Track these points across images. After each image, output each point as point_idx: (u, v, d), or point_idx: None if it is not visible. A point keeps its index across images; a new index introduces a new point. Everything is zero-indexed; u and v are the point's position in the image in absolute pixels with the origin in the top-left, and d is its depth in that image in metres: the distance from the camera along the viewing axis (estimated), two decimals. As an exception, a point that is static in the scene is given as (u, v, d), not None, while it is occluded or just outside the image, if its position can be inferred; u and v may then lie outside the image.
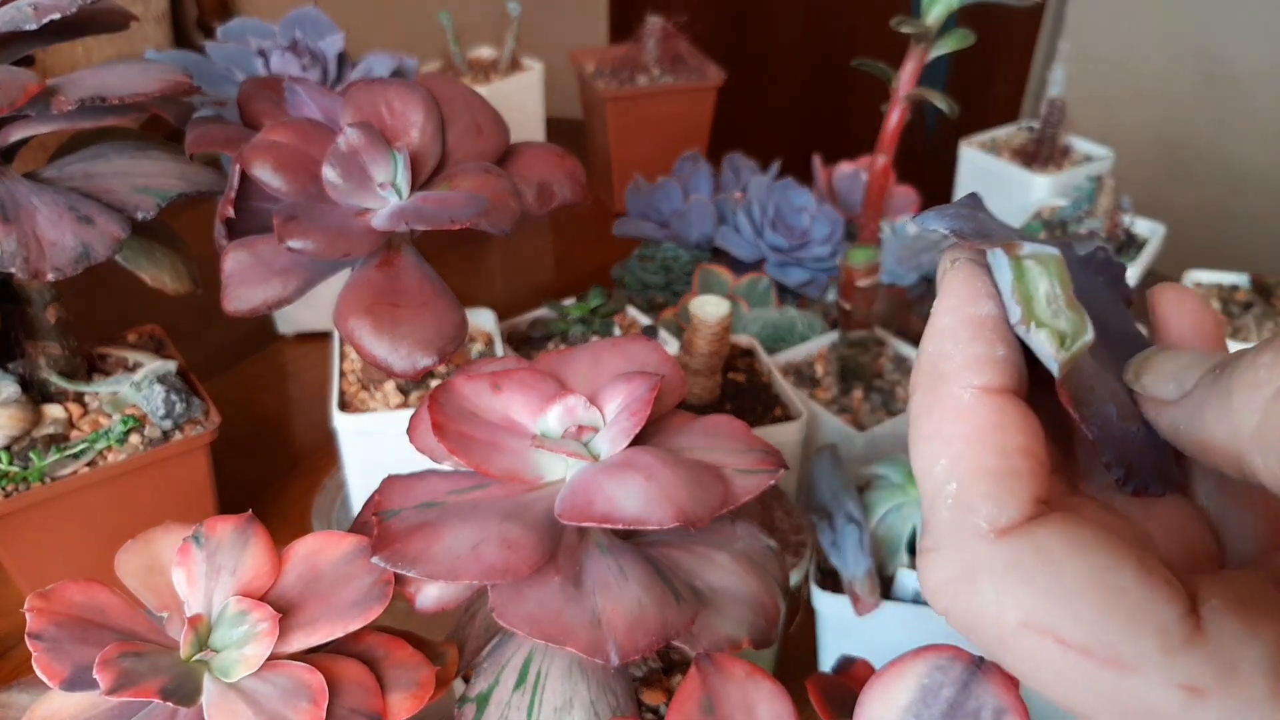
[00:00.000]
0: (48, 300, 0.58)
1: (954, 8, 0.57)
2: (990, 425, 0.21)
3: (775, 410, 0.66)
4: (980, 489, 0.21)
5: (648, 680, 0.42)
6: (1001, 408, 0.21)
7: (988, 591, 0.20)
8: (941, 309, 0.23)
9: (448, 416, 0.39)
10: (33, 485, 0.55)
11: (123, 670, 0.31)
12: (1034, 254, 0.22)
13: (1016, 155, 0.95)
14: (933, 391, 0.22)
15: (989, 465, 0.21)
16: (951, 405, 0.21)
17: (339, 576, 0.36)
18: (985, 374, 0.21)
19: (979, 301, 0.22)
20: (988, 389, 0.21)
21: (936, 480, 0.21)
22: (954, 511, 0.21)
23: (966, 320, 0.22)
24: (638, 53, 1.11)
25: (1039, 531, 0.20)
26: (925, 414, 0.22)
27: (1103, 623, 0.19)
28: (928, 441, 0.22)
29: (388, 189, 0.51)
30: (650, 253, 0.92)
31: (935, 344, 0.23)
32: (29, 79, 0.48)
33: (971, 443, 0.21)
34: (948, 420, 0.21)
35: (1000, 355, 0.22)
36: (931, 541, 0.21)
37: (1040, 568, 0.19)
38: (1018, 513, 0.20)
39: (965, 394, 0.21)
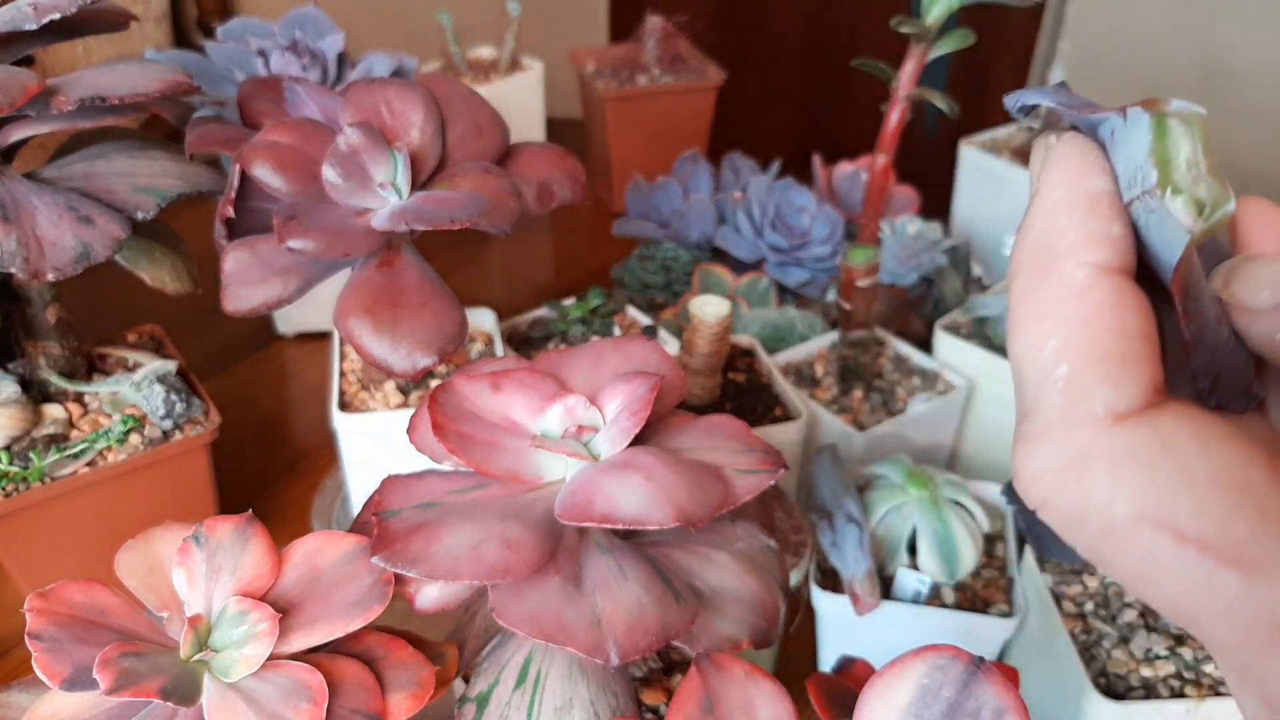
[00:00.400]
0: (48, 300, 0.58)
1: (954, 8, 0.57)
2: (1108, 306, 0.19)
3: (775, 410, 0.66)
4: (1097, 372, 0.19)
5: (648, 680, 0.42)
6: (1120, 288, 0.20)
7: (1101, 480, 0.19)
8: (1052, 182, 0.21)
9: (448, 416, 0.39)
10: (33, 485, 0.55)
11: (123, 670, 0.31)
12: (1180, 112, 0.20)
13: (1016, 155, 0.95)
14: (1042, 269, 0.20)
15: (1106, 348, 0.19)
16: (1065, 284, 0.20)
17: (339, 576, 0.36)
18: (1102, 251, 0.20)
19: (1093, 175, 0.21)
20: (1105, 268, 0.20)
21: (1045, 363, 0.20)
22: (1066, 396, 0.19)
23: (1081, 194, 0.21)
24: (638, 53, 1.11)
25: (1161, 419, 0.19)
26: (1033, 293, 0.20)
27: (1229, 519, 0.17)
28: (1036, 322, 0.20)
29: (388, 189, 0.51)
30: (650, 253, 0.92)
31: (1046, 219, 0.21)
32: (29, 79, 0.48)
33: (1087, 324, 0.19)
34: (1061, 300, 0.20)
35: (1116, 233, 0.20)
36: (1036, 427, 0.20)
37: (1162, 457, 0.18)
38: (1137, 398, 0.19)
39: (1080, 272, 0.20)
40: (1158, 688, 0.47)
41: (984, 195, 0.96)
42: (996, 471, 0.73)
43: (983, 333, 0.73)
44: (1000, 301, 0.72)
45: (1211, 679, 0.47)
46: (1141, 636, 0.50)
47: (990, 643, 0.54)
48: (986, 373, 0.71)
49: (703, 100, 1.13)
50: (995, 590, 0.56)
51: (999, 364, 0.70)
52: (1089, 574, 0.54)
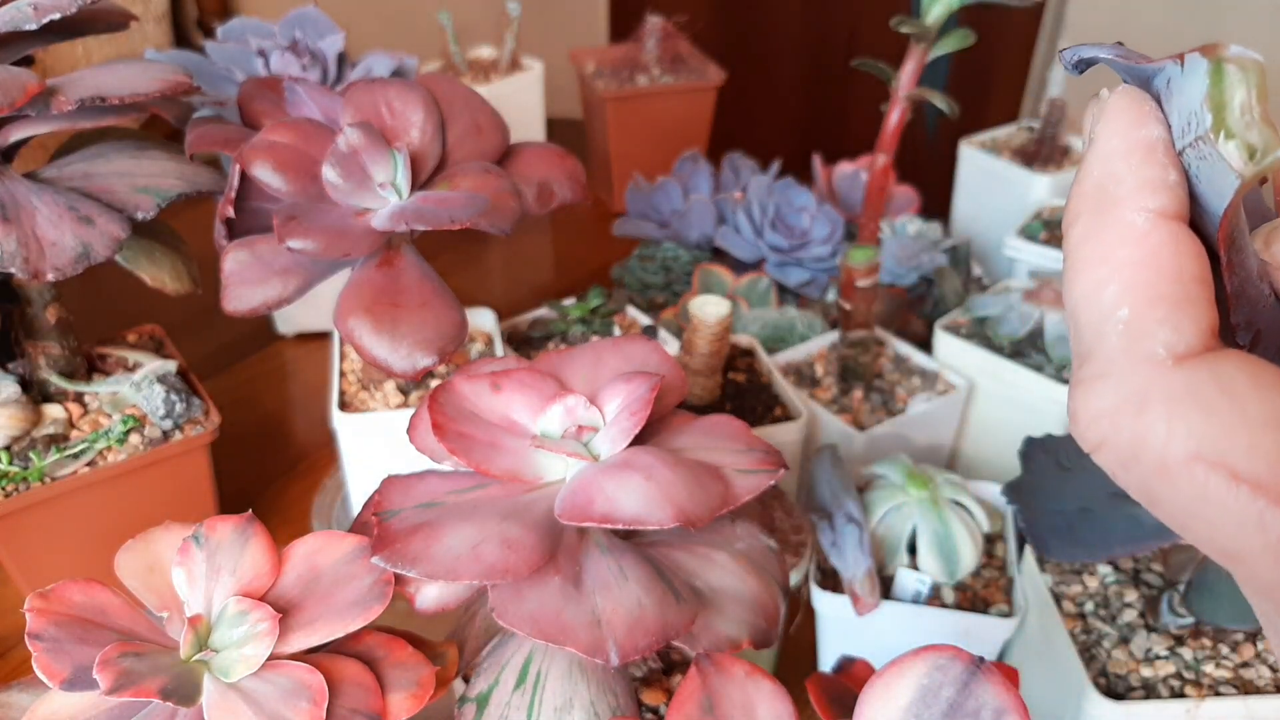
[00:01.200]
0: (48, 300, 0.58)
1: (954, 8, 0.57)
2: (1166, 250, 0.20)
3: (775, 410, 0.66)
4: (1157, 314, 0.20)
5: (648, 680, 0.42)
6: (1177, 234, 0.20)
7: (1158, 419, 0.19)
8: (1107, 131, 0.22)
9: (448, 416, 0.39)
10: (33, 485, 0.55)
11: (123, 670, 0.31)
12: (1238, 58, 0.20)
13: (1016, 155, 0.95)
14: (1101, 215, 0.21)
15: (1165, 291, 0.20)
16: (1124, 229, 0.20)
17: (339, 576, 0.36)
18: (1160, 197, 0.20)
19: (1147, 124, 0.21)
20: (1162, 213, 0.20)
21: (1104, 306, 0.20)
22: (1125, 338, 0.20)
23: (1137, 142, 0.21)
24: (638, 53, 1.11)
25: (1219, 362, 0.19)
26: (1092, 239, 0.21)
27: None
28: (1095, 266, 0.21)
29: (388, 189, 0.51)
30: (650, 253, 0.92)
31: (1103, 166, 0.21)
32: (29, 79, 0.48)
33: (1146, 268, 0.20)
34: (1120, 245, 0.20)
35: (1172, 180, 0.21)
36: (1095, 369, 0.20)
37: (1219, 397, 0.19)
38: (1196, 340, 0.19)
39: (1139, 218, 0.20)
40: (1158, 688, 0.47)
41: (984, 195, 0.96)
42: (996, 471, 0.73)
43: (983, 333, 0.73)
44: (1000, 301, 0.72)
45: (1211, 679, 0.47)
46: (1141, 636, 0.50)
47: (990, 643, 0.54)
48: (986, 373, 0.71)
49: (703, 100, 1.13)
50: (995, 590, 0.56)
51: (999, 364, 0.70)
52: (1089, 574, 0.54)
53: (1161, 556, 0.53)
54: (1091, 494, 0.48)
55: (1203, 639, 0.49)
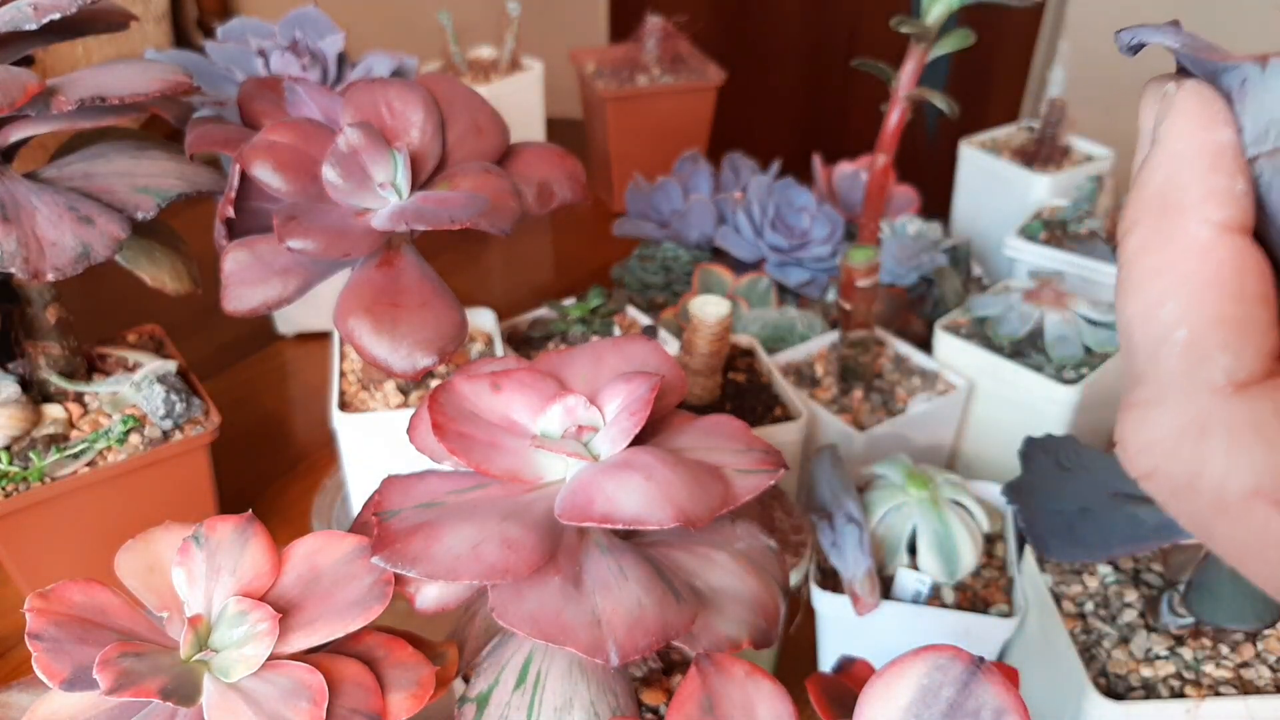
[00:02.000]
0: (48, 300, 0.58)
1: (954, 8, 0.57)
2: (1231, 267, 0.19)
3: (775, 410, 0.66)
4: (1218, 337, 0.18)
5: (648, 680, 0.42)
6: (1242, 249, 0.19)
7: (1218, 451, 0.18)
8: (1174, 132, 0.20)
9: (448, 416, 0.39)
10: (33, 485, 0.55)
11: (123, 670, 0.31)
12: None
13: (1016, 155, 0.95)
14: (1162, 224, 0.20)
15: (1228, 312, 0.18)
16: (1187, 241, 0.19)
17: (339, 576, 0.36)
18: (1226, 209, 0.19)
19: (1217, 127, 0.20)
20: (1228, 226, 0.19)
21: (1162, 325, 0.19)
22: (1184, 361, 0.19)
23: (1204, 147, 0.20)
24: (638, 53, 1.11)
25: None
26: (1152, 250, 0.20)
27: None
28: (1153, 279, 0.19)
29: (388, 189, 0.51)
30: (650, 253, 0.92)
31: (1165, 172, 0.20)
32: (29, 79, 0.48)
33: (1209, 285, 0.19)
34: (1181, 259, 0.19)
35: (1240, 190, 0.19)
36: (1150, 393, 0.19)
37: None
38: (1258, 366, 0.18)
39: (1204, 230, 0.19)
40: (1158, 688, 0.47)
41: (984, 195, 0.96)
42: (996, 471, 0.73)
43: (983, 333, 0.73)
44: (1000, 301, 0.72)
45: (1212, 679, 0.47)
46: (1141, 636, 0.50)
47: (990, 643, 0.54)
48: (986, 373, 0.71)
49: (703, 100, 1.13)
50: (995, 590, 0.56)
51: (999, 364, 0.70)
52: (1089, 574, 0.54)
53: (1161, 556, 0.53)
54: (1091, 494, 0.48)
55: (1203, 639, 0.49)
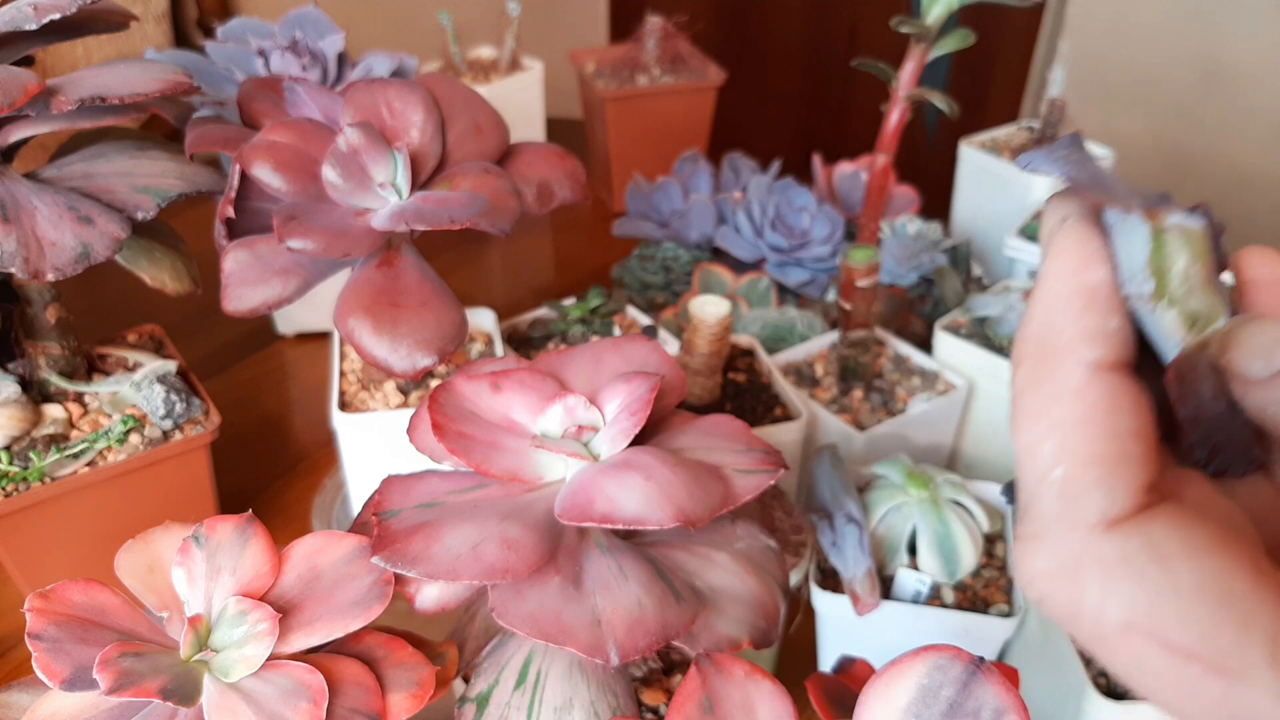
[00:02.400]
0: (48, 300, 0.58)
1: (954, 8, 0.57)
2: (1104, 407, 0.20)
3: (775, 410, 0.66)
4: (1091, 476, 0.19)
5: (648, 680, 0.42)
6: (1115, 387, 0.20)
7: (1093, 587, 0.19)
8: (1051, 274, 0.21)
9: (448, 416, 0.39)
10: (33, 485, 0.55)
11: (123, 670, 0.31)
12: (1179, 226, 0.20)
13: (1016, 155, 0.95)
14: (1040, 367, 0.21)
15: (1100, 451, 0.19)
16: (1061, 384, 0.20)
17: (339, 576, 0.36)
18: (1098, 348, 0.20)
19: (1092, 267, 0.21)
20: (1101, 366, 0.20)
21: (1041, 465, 0.20)
22: (1060, 500, 0.20)
23: (1079, 289, 0.21)
24: (638, 53, 1.11)
25: (1151, 525, 0.19)
26: (1032, 391, 0.21)
27: (1212, 629, 0.18)
28: (1033, 422, 0.20)
29: (388, 189, 0.51)
30: (650, 253, 0.92)
31: (1044, 314, 0.21)
32: (29, 79, 0.48)
33: (1083, 425, 0.20)
34: (1057, 400, 0.20)
35: (1114, 328, 0.20)
36: (1032, 529, 0.20)
37: (1151, 565, 0.19)
38: (1129, 504, 0.19)
39: (1077, 371, 0.20)
40: (1158, 688, 0.47)
41: (984, 195, 0.96)
42: (996, 471, 0.73)
43: (983, 333, 0.73)
44: (1000, 301, 0.72)
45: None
46: (1141, 636, 0.50)
47: (990, 643, 0.54)
48: (986, 373, 0.71)
49: (703, 100, 1.13)
50: (995, 590, 0.56)
51: (999, 364, 0.70)
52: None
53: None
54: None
55: (1203, 639, 0.49)
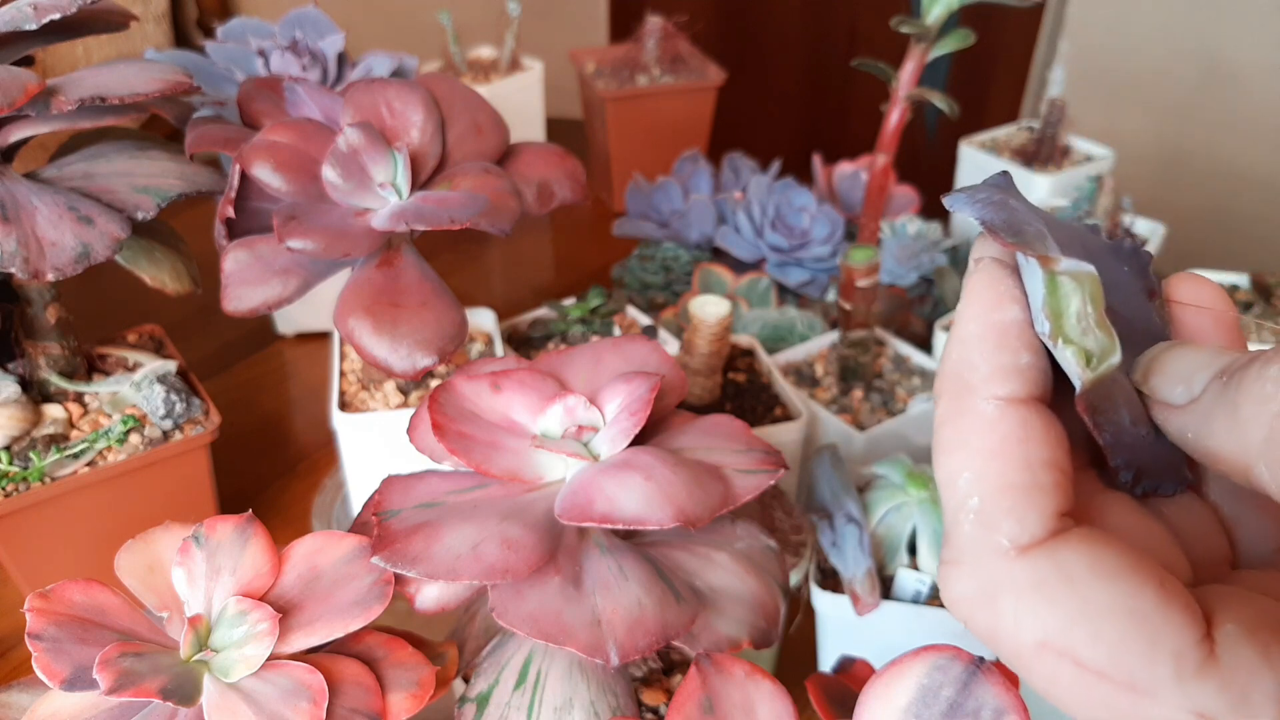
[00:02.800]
0: (48, 300, 0.58)
1: (954, 8, 0.57)
2: (1015, 438, 0.21)
3: (775, 410, 0.66)
4: (1003, 505, 0.20)
5: (648, 680, 0.42)
6: (1026, 420, 0.21)
7: (1008, 610, 0.20)
8: (966, 315, 0.22)
9: (448, 416, 0.39)
10: (33, 485, 0.55)
11: (123, 670, 0.31)
12: (1070, 271, 0.21)
13: (1016, 155, 0.95)
14: (957, 402, 0.22)
15: (1013, 480, 0.20)
16: (976, 417, 0.21)
17: (339, 576, 0.36)
18: (1010, 384, 0.21)
19: (1004, 306, 0.22)
20: (1012, 400, 0.21)
21: (960, 494, 0.21)
22: (976, 527, 0.21)
23: (991, 327, 0.22)
24: (638, 53, 1.11)
25: (1061, 550, 0.20)
26: (949, 425, 0.22)
27: (1120, 647, 0.19)
28: (951, 454, 0.21)
29: (388, 189, 0.51)
30: (650, 253, 0.92)
31: (959, 351, 0.22)
32: (29, 79, 0.48)
33: (995, 457, 0.21)
34: (972, 433, 0.21)
35: (1025, 363, 0.21)
36: (953, 555, 0.21)
37: (1061, 588, 0.19)
38: (1041, 529, 0.20)
39: (989, 406, 0.21)
40: (1158, 688, 0.47)
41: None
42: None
43: (983, 333, 0.73)
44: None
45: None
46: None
47: (990, 643, 0.54)
48: (986, 373, 0.71)
49: (703, 100, 1.13)
50: (995, 590, 0.56)
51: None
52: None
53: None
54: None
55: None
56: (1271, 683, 0.18)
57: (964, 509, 0.21)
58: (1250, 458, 0.19)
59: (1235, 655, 0.18)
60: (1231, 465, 0.19)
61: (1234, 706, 0.18)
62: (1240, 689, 0.18)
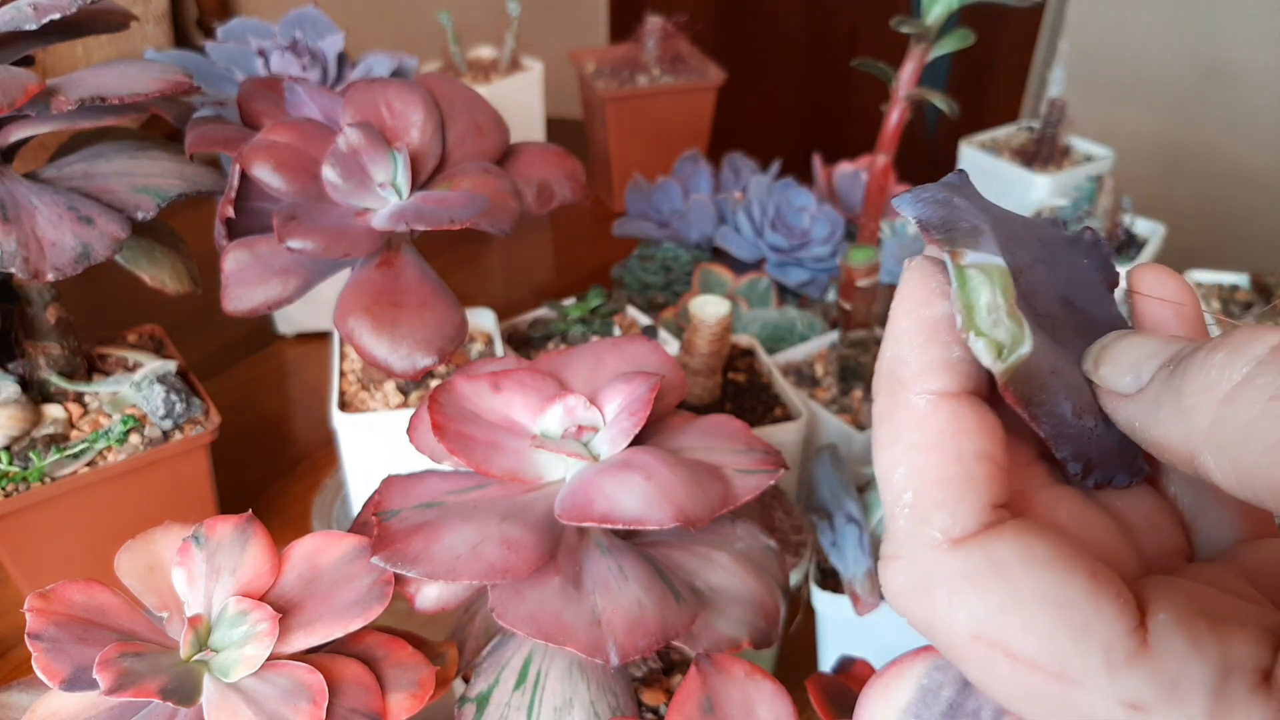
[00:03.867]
0: (48, 300, 0.58)
1: (954, 8, 0.57)
2: (947, 432, 0.21)
3: (775, 410, 0.66)
4: (935, 498, 0.21)
5: (648, 680, 0.42)
6: (957, 413, 0.21)
7: (942, 601, 0.20)
8: (898, 311, 0.23)
9: (448, 416, 0.39)
10: (33, 485, 0.55)
11: (123, 670, 0.31)
12: (977, 263, 0.22)
13: (1016, 155, 0.95)
14: (891, 397, 0.22)
15: (945, 474, 0.21)
16: (908, 412, 0.21)
17: (339, 576, 0.36)
18: (941, 379, 0.21)
19: (933, 302, 0.22)
20: (944, 394, 0.21)
21: (895, 488, 0.21)
22: (910, 521, 0.21)
23: (922, 323, 0.22)
24: (638, 53, 1.11)
25: (993, 542, 0.20)
26: (884, 420, 0.22)
27: (1051, 637, 0.19)
28: (887, 449, 0.22)
29: (388, 189, 0.51)
30: (650, 253, 0.92)
31: (893, 348, 0.23)
32: (29, 79, 0.48)
33: (927, 451, 0.21)
34: (905, 428, 0.21)
35: (956, 357, 0.22)
36: (890, 549, 0.21)
37: (992, 579, 0.20)
38: (973, 522, 0.20)
39: (921, 400, 0.21)
40: (1158, 688, 0.47)
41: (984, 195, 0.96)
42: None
43: (983, 333, 0.73)
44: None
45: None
46: (1141, 636, 0.50)
47: (990, 643, 0.54)
48: (986, 373, 0.71)
49: (703, 100, 1.13)
50: (995, 590, 0.56)
51: (999, 364, 0.70)
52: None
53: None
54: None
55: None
56: (1202, 671, 0.18)
57: (899, 503, 0.21)
58: (1195, 446, 0.19)
59: (1166, 644, 0.18)
60: (1177, 454, 0.19)
61: (1163, 694, 0.18)
62: (1170, 677, 0.18)
